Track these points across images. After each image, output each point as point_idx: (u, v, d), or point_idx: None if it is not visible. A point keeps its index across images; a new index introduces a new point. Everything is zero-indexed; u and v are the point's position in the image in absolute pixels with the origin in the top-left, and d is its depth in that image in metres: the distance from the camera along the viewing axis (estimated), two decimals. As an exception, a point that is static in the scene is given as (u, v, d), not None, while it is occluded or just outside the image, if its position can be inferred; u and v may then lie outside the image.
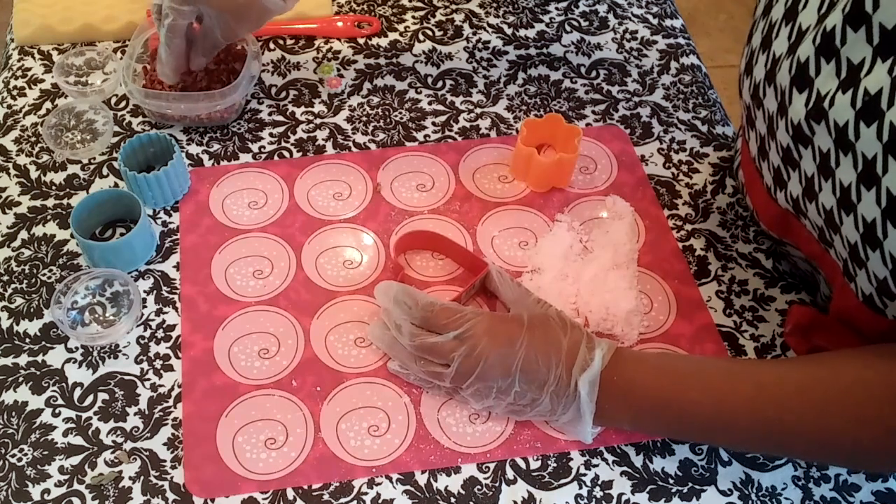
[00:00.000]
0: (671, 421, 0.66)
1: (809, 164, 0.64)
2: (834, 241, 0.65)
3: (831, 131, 0.59)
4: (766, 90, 0.67)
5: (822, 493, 0.69)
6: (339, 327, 0.75)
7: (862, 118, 0.56)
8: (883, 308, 0.62)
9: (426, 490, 0.67)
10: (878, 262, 0.58)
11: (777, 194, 0.72)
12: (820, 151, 0.61)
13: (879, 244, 0.58)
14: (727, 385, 0.64)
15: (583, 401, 0.65)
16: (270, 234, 0.81)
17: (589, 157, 0.88)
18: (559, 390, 0.65)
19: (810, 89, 0.61)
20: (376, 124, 0.90)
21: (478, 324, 0.67)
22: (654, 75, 0.96)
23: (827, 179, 0.61)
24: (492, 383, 0.66)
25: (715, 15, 2.33)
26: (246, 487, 0.67)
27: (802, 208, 0.67)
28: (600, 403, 0.65)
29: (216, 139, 0.88)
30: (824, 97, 0.59)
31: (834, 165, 0.60)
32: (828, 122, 0.59)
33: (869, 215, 0.57)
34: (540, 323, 0.68)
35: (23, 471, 0.67)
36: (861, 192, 0.58)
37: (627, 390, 0.65)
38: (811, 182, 0.64)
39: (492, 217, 0.83)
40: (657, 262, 0.81)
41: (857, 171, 0.57)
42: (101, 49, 0.93)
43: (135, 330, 0.74)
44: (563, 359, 0.65)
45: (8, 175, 0.84)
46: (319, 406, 0.71)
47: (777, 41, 0.65)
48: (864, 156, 0.56)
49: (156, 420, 0.70)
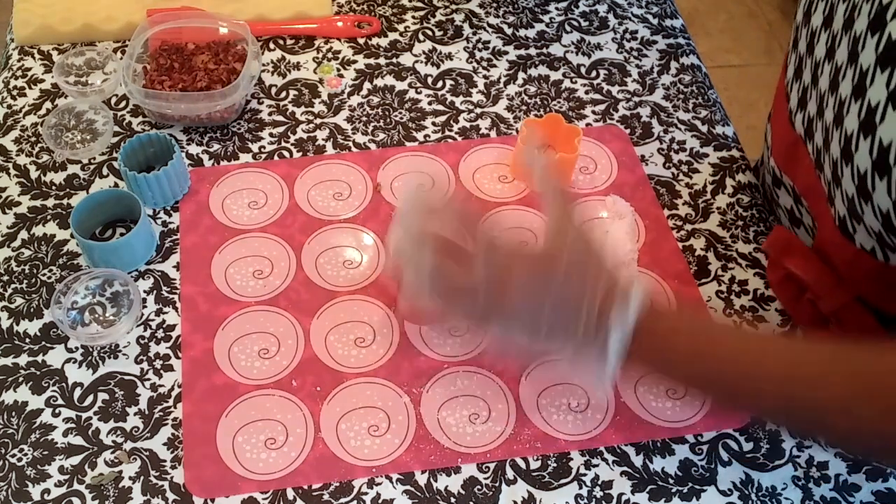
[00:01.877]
0: (701, 371, 0.62)
1: (825, 81, 0.67)
2: (825, 164, 0.68)
3: (849, 43, 0.62)
4: (817, 5, 0.70)
5: (822, 493, 0.69)
6: (339, 327, 0.75)
7: (870, 29, 0.59)
8: (852, 233, 0.64)
9: (426, 490, 0.67)
10: (849, 179, 0.61)
11: (796, 117, 0.74)
12: (836, 66, 0.64)
13: (851, 158, 0.61)
14: (762, 347, 0.62)
15: (612, 339, 0.59)
16: (270, 234, 0.81)
17: (589, 157, 0.88)
18: (589, 323, 0.60)
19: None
20: (376, 124, 0.90)
21: (517, 251, 0.62)
22: (654, 75, 0.96)
23: (832, 94, 0.65)
24: (531, 294, 0.60)
25: (715, 15, 2.33)
26: (246, 487, 0.67)
27: (812, 129, 0.70)
28: (634, 345, 0.60)
29: (216, 139, 0.88)
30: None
31: (840, 79, 0.63)
32: (850, 35, 0.63)
33: (850, 127, 0.61)
34: (578, 258, 0.61)
35: (23, 471, 0.67)
36: (850, 105, 0.61)
37: (661, 333, 0.61)
38: (823, 99, 0.67)
39: (492, 217, 0.83)
40: (657, 262, 0.81)
41: (853, 84, 0.61)
42: (101, 49, 0.93)
43: (135, 330, 0.74)
44: (600, 293, 0.60)
45: (8, 175, 0.84)
46: (319, 406, 0.71)
47: None
48: (861, 69, 0.60)
49: (156, 420, 0.70)
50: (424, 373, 0.73)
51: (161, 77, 0.87)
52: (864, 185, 0.61)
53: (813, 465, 0.70)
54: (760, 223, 0.84)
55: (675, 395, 0.72)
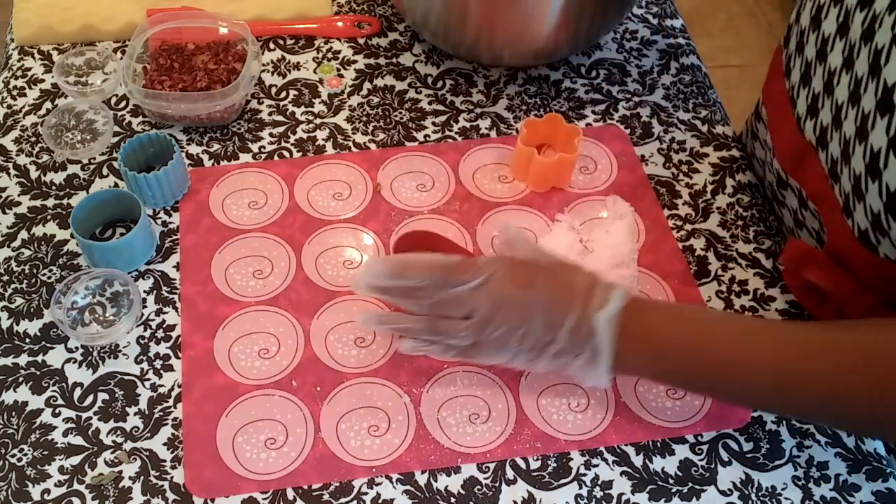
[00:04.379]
0: (690, 367, 0.65)
1: (843, 92, 0.64)
2: (842, 175, 0.65)
3: (870, 55, 0.60)
4: (829, 10, 0.68)
5: (822, 493, 0.69)
6: (339, 327, 0.75)
7: (895, 42, 0.57)
8: (876, 244, 0.62)
9: (426, 490, 0.67)
10: (876, 195, 0.60)
11: (806, 124, 0.72)
12: (856, 77, 0.62)
13: (879, 175, 0.59)
14: (748, 337, 0.64)
15: (600, 337, 0.64)
16: (270, 234, 0.81)
17: (589, 157, 0.88)
18: (578, 327, 0.64)
19: (872, 6, 0.61)
20: (376, 124, 0.90)
21: (497, 269, 0.66)
22: (654, 75, 0.96)
23: (853, 107, 0.62)
24: (514, 326, 0.65)
25: (715, 15, 2.33)
26: (246, 487, 0.67)
27: (827, 139, 0.68)
28: (619, 346, 0.64)
29: (216, 139, 0.88)
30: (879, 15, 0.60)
31: (862, 92, 0.61)
32: (871, 46, 0.60)
33: (877, 144, 0.59)
34: (556, 265, 0.68)
35: (23, 471, 0.67)
36: (875, 120, 0.58)
37: (645, 334, 0.64)
38: (840, 110, 0.65)
39: (492, 217, 0.83)
40: (657, 262, 0.81)
41: (877, 98, 0.59)
42: (101, 49, 0.93)
43: (135, 330, 0.75)
44: (581, 297, 0.64)
45: (8, 175, 0.84)
46: (319, 406, 0.71)
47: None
48: (886, 83, 0.57)
49: (156, 420, 0.70)
50: (424, 373, 0.73)
51: (161, 77, 0.88)
52: (894, 202, 0.59)
53: (813, 465, 0.70)
54: (761, 223, 0.84)
55: (675, 395, 0.72)
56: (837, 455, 0.71)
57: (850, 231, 0.65)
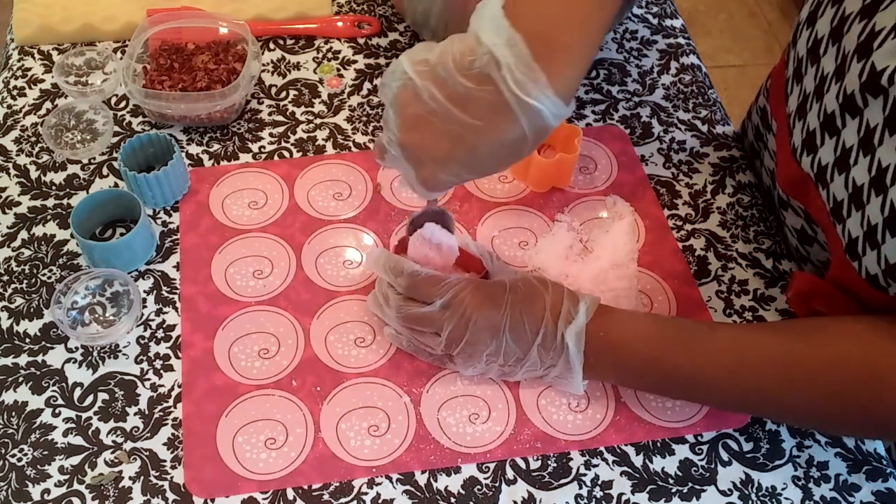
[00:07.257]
0: (654, 379, 0.68)
1: (851, 136, 0.63)
2: (850, 217, 0.64)
3: (886, 108, 0.58)
4: (827, 48, 0.66)
5: (822, 493, 0.69)
6: (339, 327, 0.75)
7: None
8: (886, 287, 0.62)
9: (426, 490, 0.67)
10: (893, 248, 0.59)
11: (803, 157, 0.71)
12: (867, 125, 0.61)
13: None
14: (710, 352, 0.65)
15: (571, 352, 0.66)
16: (270, 234, 0.81)
17: (589, 157, 0.88)
18: (546, 344, 0.66)
19: (875, 60, 0.59)
20: (376, 124, 0.90)
21: (462, 290, 0.68)
22: (654, 75, 0.96)
23: (866, 155, 0.61)
24: (482, 346, 0.67)
25: (715, 15, 2.33)
26: (246, 487, 0.67)
27: (827, 178, 0.67)
28: (587, 357, 0.66)
29: (216, 139, 0.88)
30: (885, 71, 0.58)
31: (877, 143, 0.59)
32: (886, 97, 0.58)
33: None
34: (522, 283, 0.69)
35: (23, 471, 0.67)
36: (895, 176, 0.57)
37: (612, 346, 0.67)
38: (847, 153, 0.63)
39: (492, 217, 0.83)
40: (657, 262, 0.81)
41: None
42: (101, 49, 0.93)
43: (135, 330, 0.74)
44: (547, 314, 0.66)
45: (8, 175, 0.84)
46: (319, 406, 0.71)
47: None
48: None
49: (156, 420, 0.70)
50: (424, 373, 0.73)
51: (161, 77, 0.87)
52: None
53: (813, 465, 0.70)
54: (761, 223, 0.84)
55: (675, 395, 0.72)
56: (837, 455, 0.71)
57: (857, 271, 0.64)
